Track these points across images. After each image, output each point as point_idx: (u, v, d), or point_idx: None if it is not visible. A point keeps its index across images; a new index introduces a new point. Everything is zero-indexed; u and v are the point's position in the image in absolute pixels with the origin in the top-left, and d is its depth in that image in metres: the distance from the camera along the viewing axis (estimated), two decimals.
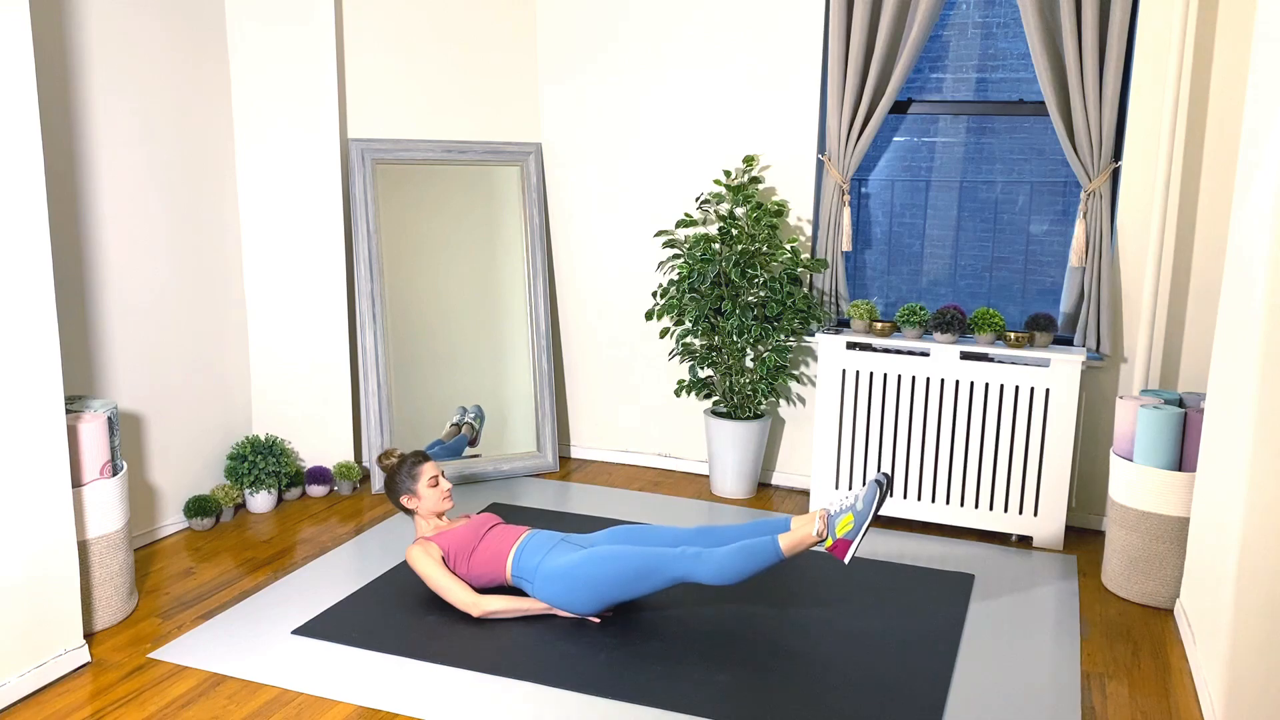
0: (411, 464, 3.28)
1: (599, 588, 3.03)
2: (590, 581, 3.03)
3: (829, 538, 2.90)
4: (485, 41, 4.49)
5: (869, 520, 2.85)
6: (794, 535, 2.91)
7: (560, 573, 3.07)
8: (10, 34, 2.56)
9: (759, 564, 2.91)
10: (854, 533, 2.85)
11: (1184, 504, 3.31)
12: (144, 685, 2.76)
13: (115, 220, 3.54)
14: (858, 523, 2.86)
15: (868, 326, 4.09)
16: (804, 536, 2.90)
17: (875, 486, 2.87)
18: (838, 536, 2.88)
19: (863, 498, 2.88)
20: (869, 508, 2.85)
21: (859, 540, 2.85)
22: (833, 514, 2.92)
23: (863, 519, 2.85)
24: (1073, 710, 2.72)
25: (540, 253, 4.60)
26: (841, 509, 2.90)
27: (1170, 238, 3.82)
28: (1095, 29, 3.68)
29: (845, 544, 2.87)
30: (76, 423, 2.98)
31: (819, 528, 2.90)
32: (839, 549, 2.89)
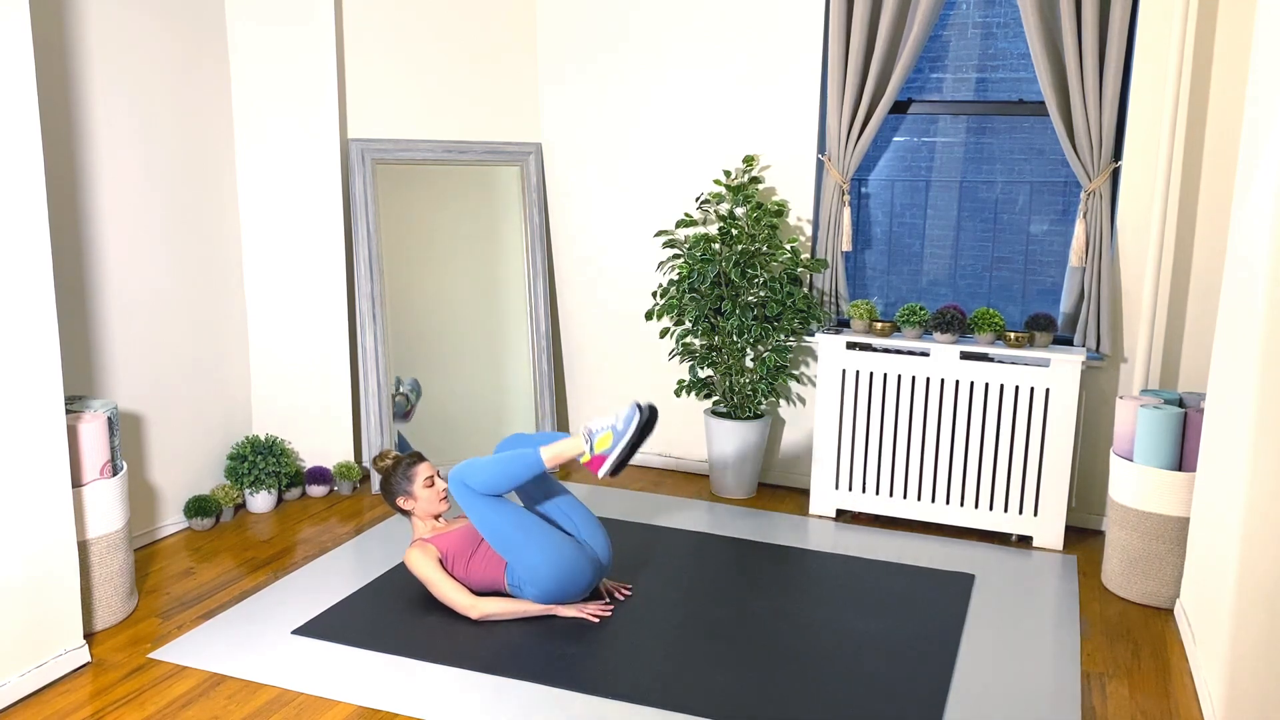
0: (407, 465, 3.28)
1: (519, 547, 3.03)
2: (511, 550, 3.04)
3: (587, 453, 3.00)
4: (485, 42, 4.49)
5: (626, 440, 2.94)
6: (555, 449, 3.01)
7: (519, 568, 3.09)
8: (10, 34, 2.56)
9: (521, 473, 3.00)
10: (610, 449, 2.96)
11: (1184, 504, 3.31)
12: (144, 685, 2.76)
13: (115, 220, 3.54)
14: (615, 440, 2.96)
15: (868, 326, 4.09)
16: (565, 450, 3.01)
17: (635, 408, 2.96)
18: (595, 452, 2.98)
19: (622, 417, 2.98)
20: (627, 426, 2.95)
21: (616, 456, 2.96)
22: (593, 430, 3.02)
23: (619, 437, 2.95)
24: (1073, 710, 2.72)
25: (540, 253, 4.59)
26: (601, 427, 3.00)
27: (1170, 238, 3.82)
28: (1095, 29, 3.68)
29: (600, 459, 2.98)
30: (76, 423, 2.98)
31: (581, 445, 3.01)
32: (595, 464, 2.99)
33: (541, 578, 3.07)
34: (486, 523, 3.05)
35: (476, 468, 3.03)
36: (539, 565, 3.06)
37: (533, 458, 3.00)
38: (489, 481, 3.01)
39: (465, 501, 3.05)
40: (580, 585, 3.12)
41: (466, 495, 3.04)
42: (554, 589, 3.09)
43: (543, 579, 3.07)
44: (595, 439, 3.01)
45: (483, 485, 3.02)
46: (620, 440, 2.97)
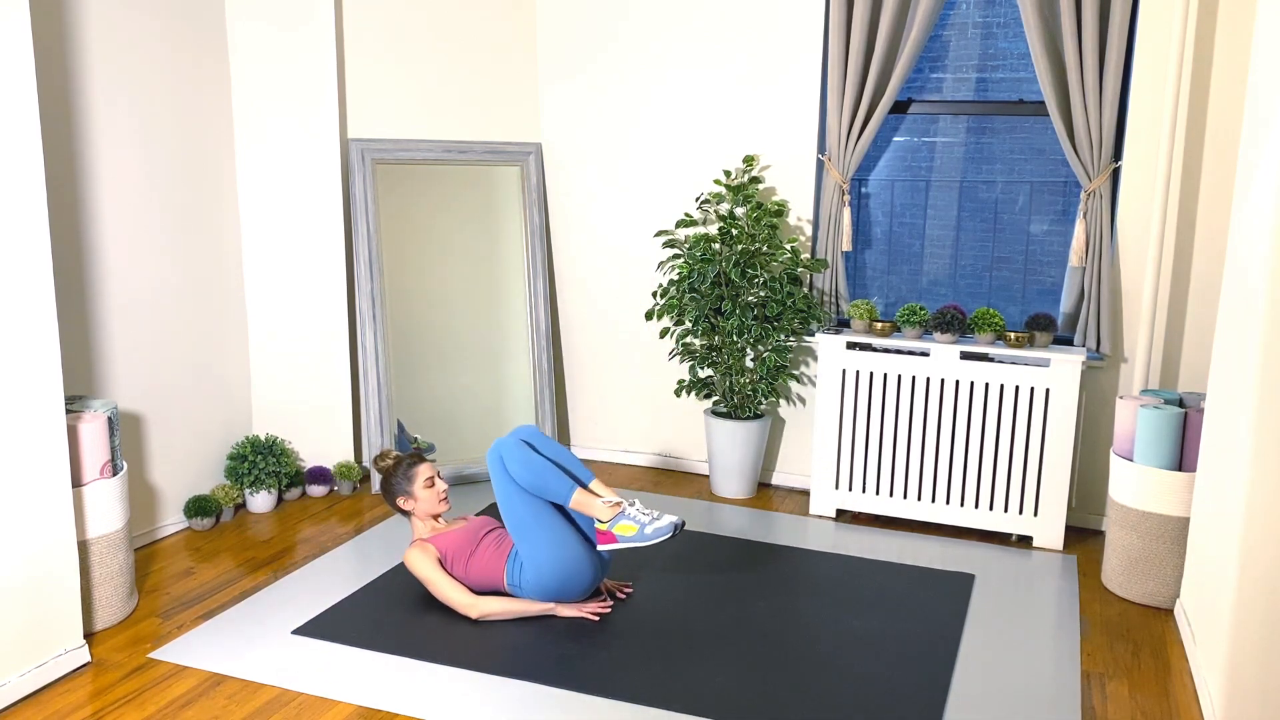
0: (407, 465, 3.28)
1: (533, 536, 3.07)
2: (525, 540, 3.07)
3: (606, 524, 3.06)
4: (485, 42, 4.49)
5: (641, 545, 3.03)
6: (587, 498, 3.07)
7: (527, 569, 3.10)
8: (10, 34, 2.56)
9: (548, 492, 3.07)
10: (626, 540, 3.04)
11: (1184, 504, 3.31)
12: (144, 685, 2.76)
13: (115, 220, 3.54)
14: (634, 537, 3.04)
15: (868, 326, 4.09)
16: (592, 507, 3.06)
17: (672, 529, 3.02)
18: (614, 530, 3.05)
19: (656, 528, 3.04)
20: (651, 538, 3.02)
21: (621, 548, 3.12)
22: (625, 513, 3.07)
23: (639, 539, 3.03)
24: (1073, 710, 2.72)
25: (540, 253, 4.60)
26: (635, 518, 3.06)
27: (1170, 238, 3.82)
28: (1095, 29, 3.68)
29: (611, 538, 3.05)
30: (76, 423, 2.98)
31: (607, 514, 3.05)
32: (604, 538, 3.06)
33: (545, 571, 3.07)
34: (509, 502, 3.10)
35: (518, 457, 3.08)
36: (546, 557, 3.06)
37: (565, 492, 3.06)
38: (522, 475, 3.07)
39: (497, 475, 3.10)
40: (582, 584, 3.12)
41: (500, 471, 3.10)
42: (556, 584, 3.09)
43: (546, 572, 3.07)
44: (621, 520, 3.06)
45: (516, 475, 3.08)
46: (636, 541, 3.04)
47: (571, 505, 3.07)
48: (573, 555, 3.08)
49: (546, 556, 3.07)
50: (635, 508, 3.08)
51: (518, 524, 3.09)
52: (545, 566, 3.07)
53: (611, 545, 3.05)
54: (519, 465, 3.07)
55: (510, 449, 3.09)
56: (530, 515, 3.09)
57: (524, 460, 3.07)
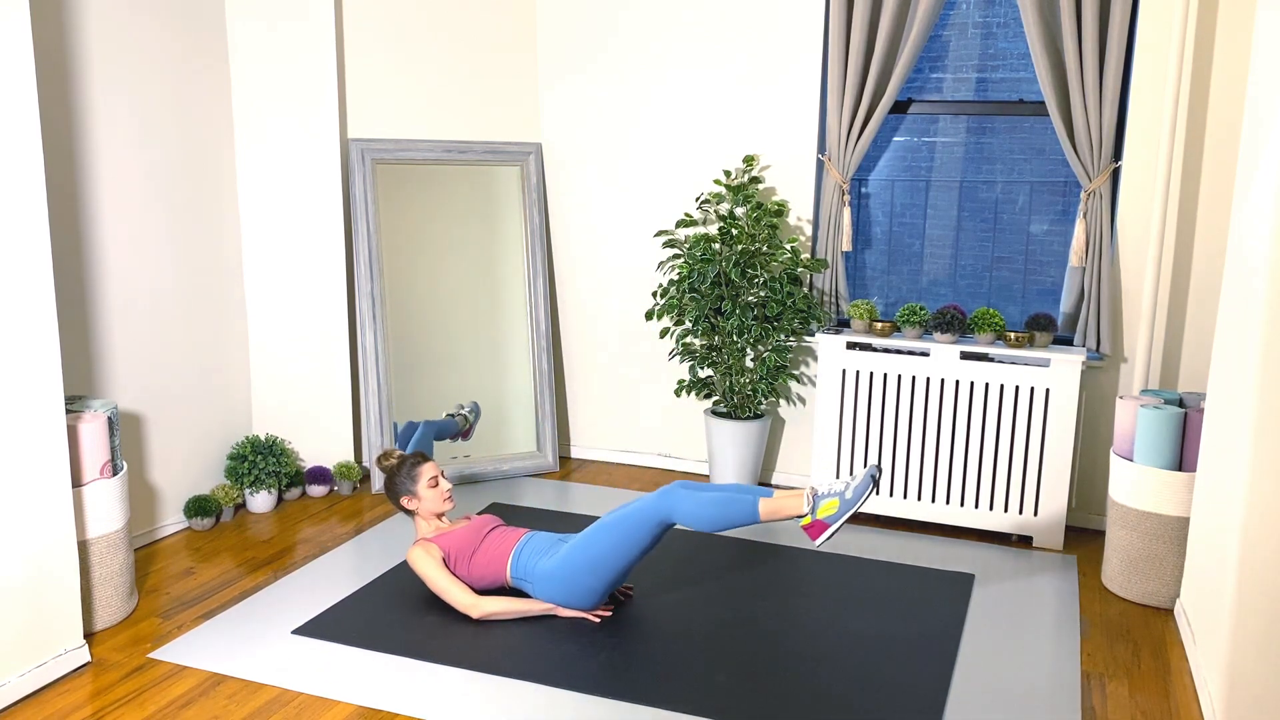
0: (411, 465, 3.28)
1: (594, 567, 3.02)
2: (584, 564, 3.03)
3: (808, 515, 2.88)
4: (485, 41, 4.49)
5: (853, 510, 2.83)
6: (775, 503, 2.89)
7: (556, 567, 3.08)
8: (10, 34, 2.56)
9: (734, 520, 2.89)
10: (834, 518, 2.83)
11: (1184, 504, 3.31)
12: (144, 685, 2.76)
13: (115, 220, 3.54)
14: (841, 509, 2.83)
15: (868, 326, 4.09)
16: (785, 507, 2.89)
17: (869, 480, 2.84)
18: (817, 517, 2.86)
19: (854, 487, 2.85)
20: (857, 498, 2.82)
21: (836, 527, 2.83)
22: (820, 494, 2.90)
23: (847, 507, 2.83)
24: (1073, 710, 2.72)
25: (540, 253, 4.60)
26: (829, 492, 2.88)
27: (1170, 238, 3.82)
28: (1095, 29, 3.68)
29: (823, 526, 2.85)
30: (76, 423, 2.98)
31: (802, 505, 2.89)
32: (815, 529, 2.86)
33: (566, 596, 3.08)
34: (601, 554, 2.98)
35: (691, 507, 2.89)
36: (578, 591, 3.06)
37: (750, 509, 2.87)
38: (701, 518, 2.87)
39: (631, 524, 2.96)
40: (590, 603, 3.13)
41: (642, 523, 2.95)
42: (571, 596, 3.10)
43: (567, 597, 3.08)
44: (820, 504, 2.87)
45: (691, 521, 2.88)
46: (846, 511, 2.82)
47: (762, 518, 2.88)
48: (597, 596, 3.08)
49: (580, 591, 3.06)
50: (821, 484, 2.87)
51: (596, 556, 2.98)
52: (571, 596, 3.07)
53: (827, 532, 2.82)
54: (695, 505, 2.87)
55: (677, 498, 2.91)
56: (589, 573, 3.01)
57: (699, 500, 2.88)
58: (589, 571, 3.04)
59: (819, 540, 2.85)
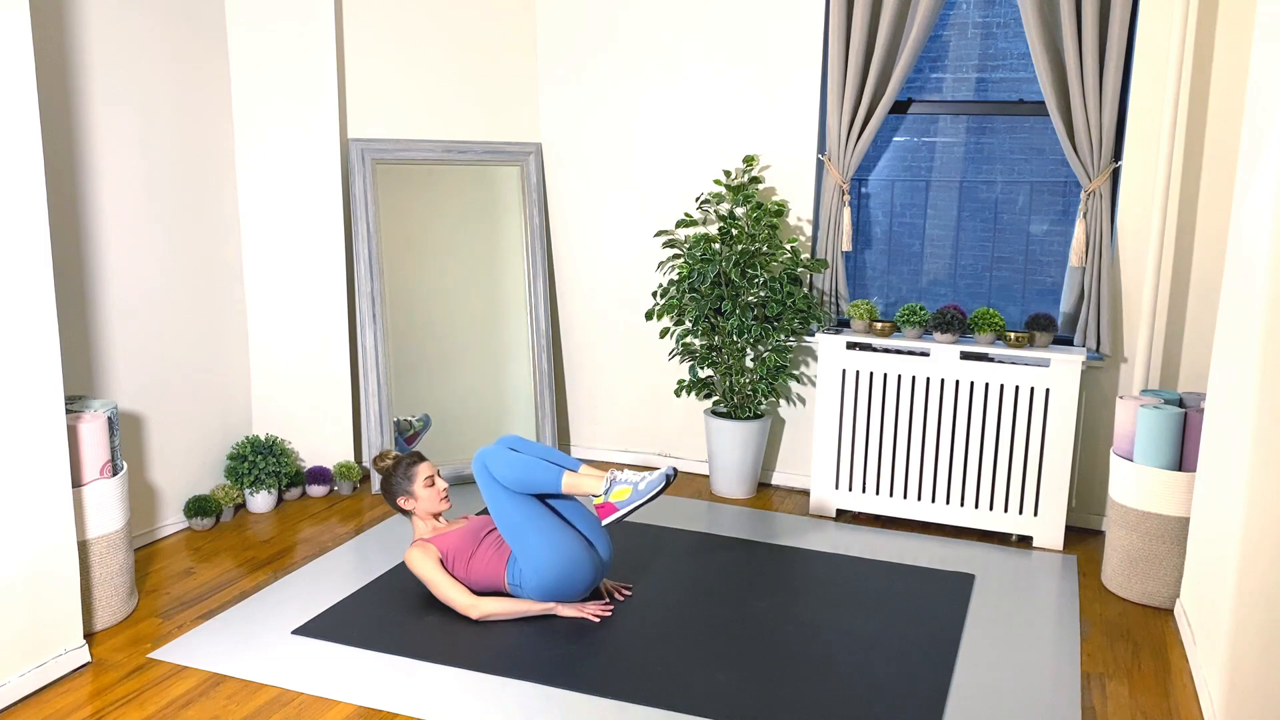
0: (407, 465, 3.28)
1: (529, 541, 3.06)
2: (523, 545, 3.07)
3: (602, 496, 3.07)
4: (485, 41, 4.49)
5: (641, 503, 3.03)
6: (577, 479, 3.08)
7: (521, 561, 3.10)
8: (10, 35, 2.57)
9: (535, 485, 3.07)
10: (624, 504, 3.04)
11: (1184, 504, 3.31)
12: (144, 685, 2.76)
13: (115, 220, 3.54)
14: (631, 498, 3.04)
15: (868, 326, 4.09)
16: (584, 485, 3.08)
17: (664, 478, 3.03)
18: (609, 499, 3.06)
19: (649, 481, 3.05)
20: (649, 491, 3.03)
21: (624, 513, 3.04)
22: (617, 479, 3.08)
23: (638, 497, 3.03)
24: (1073, 710, 2.72)
25: (540, 253, 4.60)
26: (626, 481, 3.07)
27: (1170, 238, 3.82)
28: (1095, 29, 3.68)
29: (612, 508, 3.06)
30: (76, 423, 2.98)
31: (599, 486, 3.08)
32: (604, 510, 3.07)
33: (544, 571, 3.07)
34: (500, 509, 3.09)
35: (503, 460, 3.08)
36: (544, 558, 3.06)
37: (554, 479, 3.07)
38: (508, 476, 3.07)
39: (485, 484, 3.10)
40: (582, 583, 3.12)
41: (486, 479, 3.10)
42: (555, 584, 3.09)
43: (545, 572, 3.07)
44: (615, 488, 3.08)
45: (502, 477, 3.08)
46: (635, 501, 3.04)
47: (564, 489, 3.07)
48: (570, 555, 3.08)
49: (544, 558, 3.07)
50: (624, 473, 3.10)
51: (512, 529, 3.09)
52: (544, 568, 3.07)
53: (614, 515, 3.05)
54: (504, 467, 3.07)
55: (493, 454, 3.10)
56: (523, 519, 3.08)
57: (508, 461, 3.08)
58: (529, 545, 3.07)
59: (605, 520, 3.07)
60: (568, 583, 3.10)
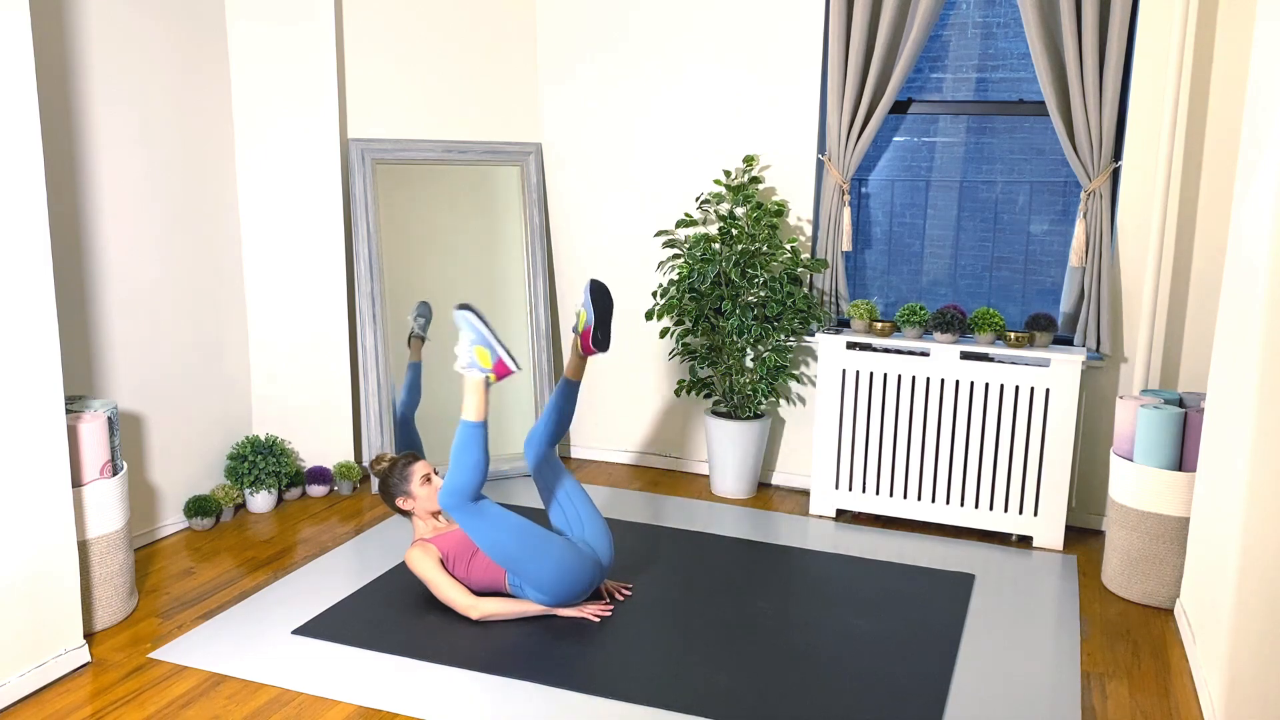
0: (403, 465, 3.28)
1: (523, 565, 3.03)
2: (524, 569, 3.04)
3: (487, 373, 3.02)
4: (485, 42, 4.49)
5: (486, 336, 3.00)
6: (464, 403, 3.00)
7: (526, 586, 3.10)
8: (10, 34, 2.56)
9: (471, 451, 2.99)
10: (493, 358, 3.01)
11: (1184, 504, 3.31)
12: (144, 685, 2.76)
13: (115, 220, 3.54)
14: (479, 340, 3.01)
15: (868, 326, 4.09)
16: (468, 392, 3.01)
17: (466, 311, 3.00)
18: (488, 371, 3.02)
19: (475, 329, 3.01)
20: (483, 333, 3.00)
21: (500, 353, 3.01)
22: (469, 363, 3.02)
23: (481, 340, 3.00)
24: (1073, 710, 2.72)
25: (540, 253, 4.60)
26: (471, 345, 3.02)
27: (1170, 238, 3.82)
28: (1095, 29, 3.68)
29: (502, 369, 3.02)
30: (76, 423, 2.98)
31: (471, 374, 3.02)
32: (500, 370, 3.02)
33: (545, 584, 3.07)
34: (490, 541, 3.02)
35: (449, 485, 2.99)
36: (542, 576, 3.06)
37: (464, 430, 2.98)
38: (464, 483, 2.97)
39: (465, 523, 3.01)
40: (581, 588, 3.12)
41: (464, 515, 3.00)
42: (556, 593, 3.09)
43: (546, 585, 3.07)
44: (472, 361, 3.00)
45: (464, 489, 2.97)
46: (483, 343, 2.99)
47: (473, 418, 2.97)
48: (568, 565, 3.07)
49: (543, 574, 3.05)
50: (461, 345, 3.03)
51: (508, 559, 3.03)
52: (545, 581, 3.07)
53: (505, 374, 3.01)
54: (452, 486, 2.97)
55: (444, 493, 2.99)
56: (515, 545, 3.02)
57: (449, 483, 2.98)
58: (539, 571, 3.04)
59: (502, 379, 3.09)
60: (568, 590, 3.10)
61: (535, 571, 3.05)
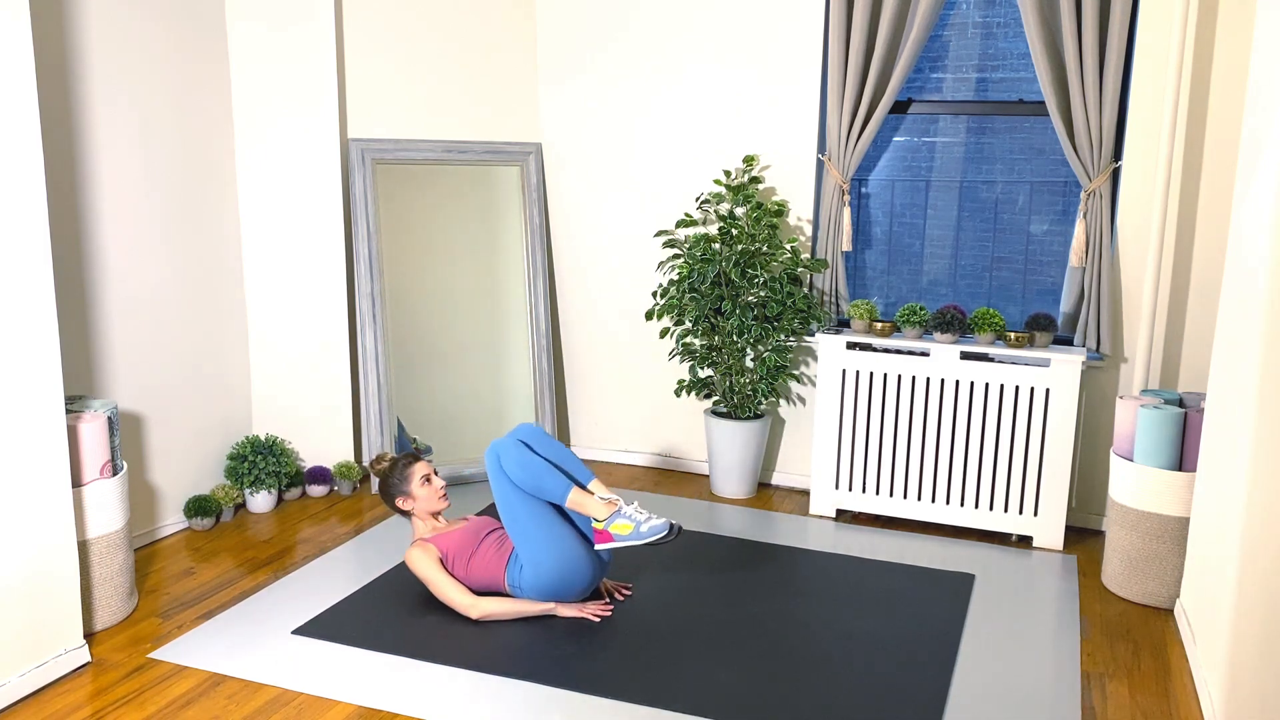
0: (403, 466, 3.28)
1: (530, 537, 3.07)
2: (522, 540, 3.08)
3: (604, 523, 3.06)
4: (485, 41, 4.49)
5: (636, 544, 3.03)
6: (583, 498, 3.07)
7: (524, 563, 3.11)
8: (10, 34, 2.56)
9: (543, 492, 3.07)
10: (622, 538, 3.04)
11: (1184, 504, 3.31)
12: (144, 685, 2.76)
13: (115, 220, 3.54)
14: (630, 536, 3.03)
15: (868, 326, 4.09)
16: (589, 506, 3.07)
17: (666, 529, 3.01)
18: (610, 529, 3.06)
19: (652, 526, 3.03)
20: (648, 535, 3.01)
21: (618, 546, 3.05)
22: (622, 511, 3.07)
23: (636, 538, 3.02)
24: (1073, 710, 2.72)
25: (540, 253, 4.60)
26: (630, 516, 3.06)
27: (1170, 238, 3.82)
28: (1095, 29, 3.68)
29: (608, 537, 3.06)
30: (76, 423, 2.98)
31: (603, 513, 3.06)
32: (602, 536, 3.07)
33: (544, 570, 3.07)
34: (507, 502, 3.10)
35: (516, 459, 3.07)
36: (544, 557, 3.07)
37: (562, 492, 3.07)
38: (518, 475, 3.07)
39: (494, 475, 3.10)
40: (581, 584, 3.12)
41: (496, 470, 3.10)
42: (555, 584, 3.09)
43: (545, 571, 3.07)
44: (617, 519, 3.06)
45: (512, 474, 3.08)
46: (632, 540, 3.03)
47: (568, 505, 3.07)
48: (572, 555, 3.08)
49: (545, 556, 3.07)
50: (632, 507, 3.09)
51: (516, 524, 3.09)
52: (544, 566, 3.07)
53: (608, 545, 3.06)
54: (516, 466, 3.07)
55: (507, 449, 3.09)
56: (527, 515, 3.09)
57: (521, 461, 3.07)
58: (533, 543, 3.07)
59: (599, 547, 3.08)
60: (567, 583, 3.10)
61: (538, 549, 3.07)
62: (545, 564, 3.07)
